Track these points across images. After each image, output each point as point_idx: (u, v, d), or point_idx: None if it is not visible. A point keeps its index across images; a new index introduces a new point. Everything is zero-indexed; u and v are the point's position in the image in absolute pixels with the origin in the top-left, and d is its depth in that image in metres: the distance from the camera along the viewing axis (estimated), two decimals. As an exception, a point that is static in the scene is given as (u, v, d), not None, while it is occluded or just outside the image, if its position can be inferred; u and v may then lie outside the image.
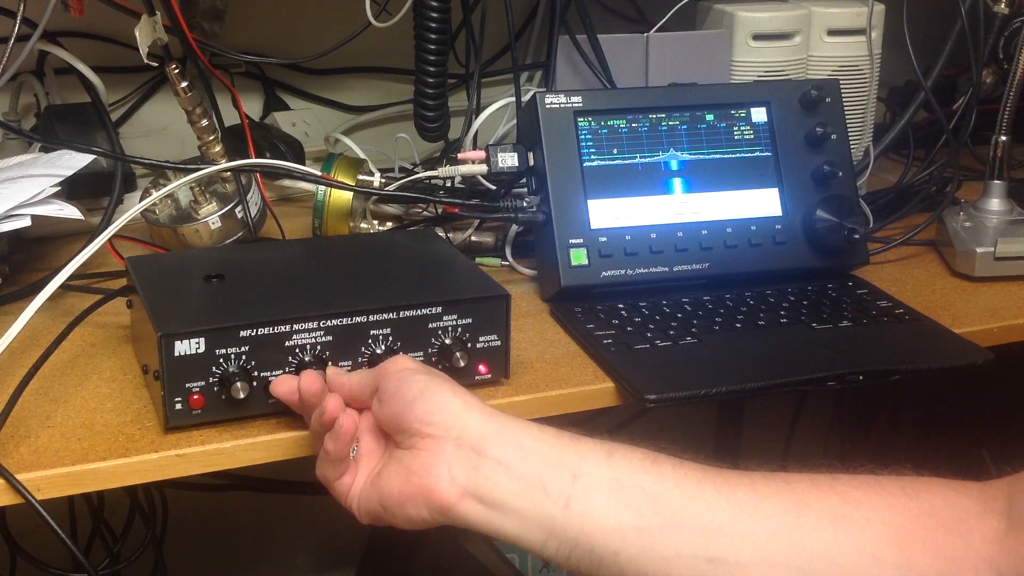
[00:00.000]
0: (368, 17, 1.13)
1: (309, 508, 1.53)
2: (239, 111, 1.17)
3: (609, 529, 0.67)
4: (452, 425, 0.71)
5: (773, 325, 0.98)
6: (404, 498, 0.71)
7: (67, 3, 1.09)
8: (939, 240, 1.18)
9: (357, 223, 1.11)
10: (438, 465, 0.70)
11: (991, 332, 1.00)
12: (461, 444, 0.70)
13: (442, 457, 0.70)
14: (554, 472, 0.69)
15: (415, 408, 0.72)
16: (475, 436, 0.70)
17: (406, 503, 0.71)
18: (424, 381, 0.73)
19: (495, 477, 0.69)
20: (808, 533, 0.66)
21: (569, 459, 0.69)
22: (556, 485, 0.68)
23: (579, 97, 1.04)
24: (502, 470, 0.69)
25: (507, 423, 0.72)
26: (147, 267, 0.90)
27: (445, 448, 0.70)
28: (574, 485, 0.68)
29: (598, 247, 1.01)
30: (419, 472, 0.71)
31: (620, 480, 0.68)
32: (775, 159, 1.08)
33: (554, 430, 0.72)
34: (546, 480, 0.69)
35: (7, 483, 0.72)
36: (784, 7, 1.27)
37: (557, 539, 0.68)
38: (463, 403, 0.72)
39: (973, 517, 0.67)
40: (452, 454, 0.70)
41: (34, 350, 0.86)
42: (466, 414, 0.71)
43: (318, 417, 0.73)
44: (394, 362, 0.76)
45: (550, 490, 0.68)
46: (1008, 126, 1.17)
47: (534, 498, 0.68)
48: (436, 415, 0.71)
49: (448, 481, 0.70)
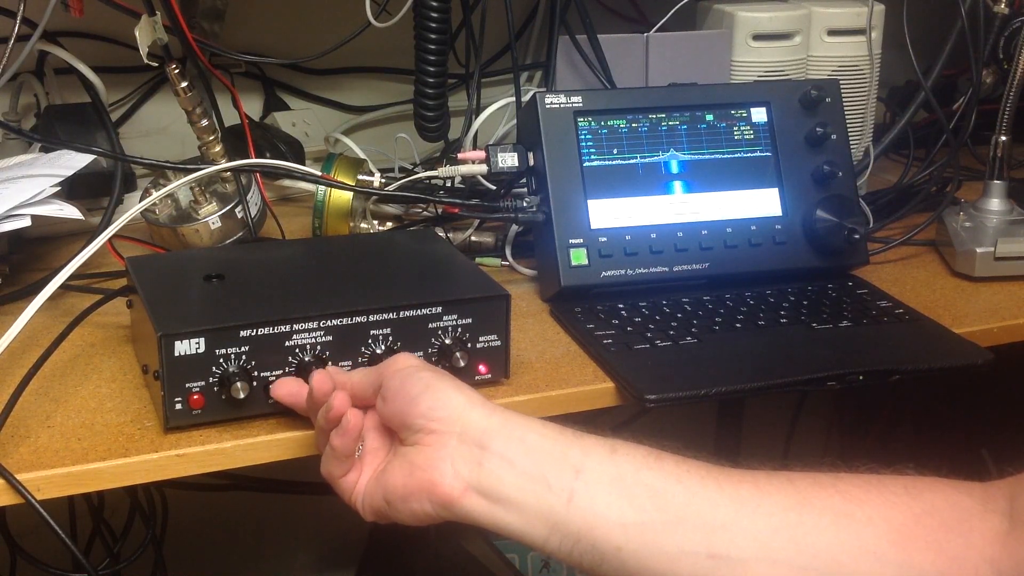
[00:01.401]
0: (368, 17, 1.13)
1: (309, 508, 1.53)
2: (239, 111, 1.17)
3: (612, 524, 0.68)
4: (456, 420, 0.71)
5: (773, 325, 0.98)
6: (407, 492, 0.71)
7: (67, 3, 1.09)
8: (939, 240, 1.18)
9: (357, 223, 1.11)
10: (441, 460, 0.70)
11: (991, 332, 1.00)
12: (465, 439, 0.70)
13: (445, 452, 0.70)
14: (557, 467, 0.69)
15: (419, 404, 0.72)
16: (478, 431, 0.71)
17: (409, 498, 0.71)
18: (427, 378, 0.73)
19: (498, 472, 0.69)
20: (810, 531, 0.66)
21: (572, 454, 0.70)
22: (559, 480, 0.69)
23: (579, 97, 1.04)
24: (505, 465, 0.69)
25: (511, 418, 0.72)
26: (147, 267, 0.90)
27: (449, 443, 0.70)
28: (577, 480, 0.68)
29: (598, 247, 1.01)
30: (423, 466, 0.71)
31: (623, 476, 0.69)
32: (775, 159, 1.08)
33: (558, 426, 0.72)
34: (549, 475, 0.69)
35: (7, 483, 0.72)
36: (784, 7, 1.27)
37: (560, 534, 0.68)
38: (466, 399, 0.72)
39: (975, 517, 0.67)
40: (456, 449, 0.70)
41: (34, 350, 0.86)
42: (469, 410, 0.72)
43: (324, 414, 0.74)
44: (397, 360, 0.76)
45: (553, 485, 0.69)
46: (1008, 126, 1.17)
47: (537, 492, 0.69)
48: (440, 411, 0.71)
49: (451, 475, 0.70)
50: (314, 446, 0.79)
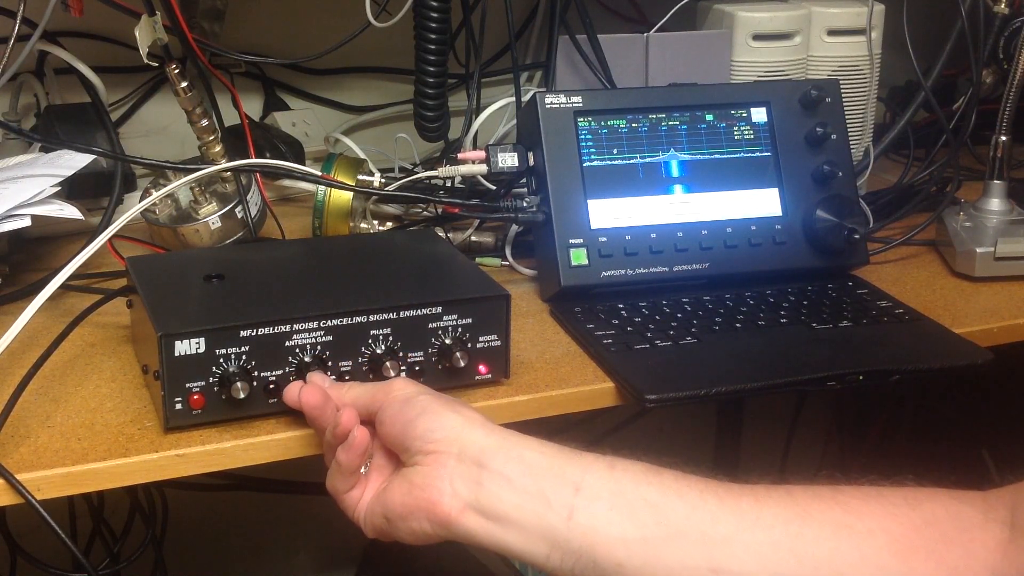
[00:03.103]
0: (368, 17, 1.13)
1: (309, 508, 1.53)
2: (239, 111, 1.17)
3: (613, 540, 0.67)
4: (454, 440, 0.71)
5: (773, 325, 0.98)
6: (407, 511, 0.72)
7: (67, 3, 1.08)
8: (939, 240, 1.18)
9: (357, 223, 1.11)
10: (440, 479, 0.70)
11: (991, 332, 1.00)
12: (463, 458, 0.71)
13: (444, 471, 0.70)
14: (556, 484, 0.69)
15: (416, 426, 0.72)
16: (476, 450, 0.71)
17: (408, 516, 0.72)
18: (424, 401, 0.74)
19: (497, 490, 0.69)
20: (811, 543, 0.66)
21: (571, 471, 0.70)
22: (559, 497, 0.69)
23: (579, 97, 1.04)
24: (504, 483, 0.69)
25: (508, 437, 0.72)
26: (147, 267, 0.90)
27: (447, 463, 0.71)
28: (576, 496, 0.68)
29: (598, 247, 1.01)
30: (421, 485, 0.71)
31: (623, 491, 0.69)
32: (775, 159, 1.08)
33: (556, 445, 0.72)
34: (548, 492, 0.69)
35: (7, 483, 0.72)
36: (784, 7, 1.27)
37: (560, 551, 0.68)
38: (464, 419, 0.73)
39: (975, 526, 0.67)
40: (454, 468, 0.70)
41: (34, 350, 0.86)
42: (467, 429, 0.72)
43: (331, 429, 0.74)
44: (393, 385, 0.77)
45: (553, 502, 0.68)
46: (1008, 126, 1.17)
47: (537, 511, 0.69)
48: (437, 431, 0.72)
49: (450, 494, 0.70)
50: (313, 446, 0.79)
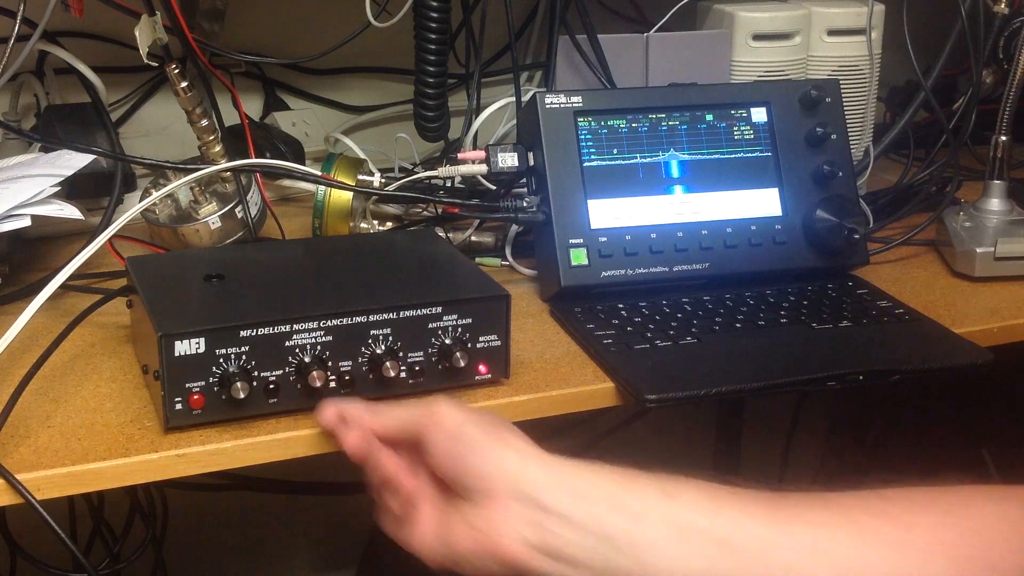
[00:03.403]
0: (368, 17, 1.13)
1: (309, 508, 1.54)
2: (239, 111, 1.17)
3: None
4: (511, 480, 0.71)
5: (773, 325, 0.98)
6: (473, 555, 0.71)
7: (67, 3, 1.09)
8: (939, 240, 1.18)
9: (357, 223, 1.11)
10: (502, 523, 0.70)
11: (991, 332, 1.00)
12: (521, 498, 0.70)
13: (505, 515, 0.70)
14: (615, 516, 0.69)
15: (470, 465, 0.72)
16: (534, 489, 0.70)
17: (475, 559, 0.71)
18: (474, 435, 0.73)
19: (560, 532, 0.69)
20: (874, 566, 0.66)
21: (628, 500, 0.69)
22: (621, 532, 0.68)
23: (579, 97, 1.04)
24: (566, 523, 0.69)
25: (562, 469, 0.71)
26: (147, 267, 0.90)
27: (508, 505, 0.70)
28: (636, 526, 0.68)
29: (598, 247, 1.01)
30: (484, 530, 0.70)
31: (682, 523, 0.69)
32: (775, 159, 1.08)
33: (607, 468, 0.72)
34: (608, 526, 0.68)
35: (7, 483, 0.72)
36: (784, 7, 1.27)
37: None
38: (518, 455, 0.72)
39: None
40: (515, 511, 0.70)
41: (34, 350, 0.86)
42: (522, 467, 0.71)
43: (373, 472, 0.74)
44: (439, 414, 0.74)
45: (618, 542, 0.68)
46: (1008, 126, 1.17)
47: (606, 555, 0.68)
48: (493, 471, 0.71)
49: (514, 539, 0.69)
50: (314, 446, 0.79)
